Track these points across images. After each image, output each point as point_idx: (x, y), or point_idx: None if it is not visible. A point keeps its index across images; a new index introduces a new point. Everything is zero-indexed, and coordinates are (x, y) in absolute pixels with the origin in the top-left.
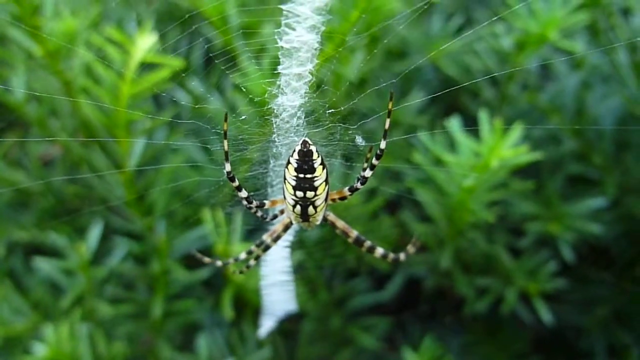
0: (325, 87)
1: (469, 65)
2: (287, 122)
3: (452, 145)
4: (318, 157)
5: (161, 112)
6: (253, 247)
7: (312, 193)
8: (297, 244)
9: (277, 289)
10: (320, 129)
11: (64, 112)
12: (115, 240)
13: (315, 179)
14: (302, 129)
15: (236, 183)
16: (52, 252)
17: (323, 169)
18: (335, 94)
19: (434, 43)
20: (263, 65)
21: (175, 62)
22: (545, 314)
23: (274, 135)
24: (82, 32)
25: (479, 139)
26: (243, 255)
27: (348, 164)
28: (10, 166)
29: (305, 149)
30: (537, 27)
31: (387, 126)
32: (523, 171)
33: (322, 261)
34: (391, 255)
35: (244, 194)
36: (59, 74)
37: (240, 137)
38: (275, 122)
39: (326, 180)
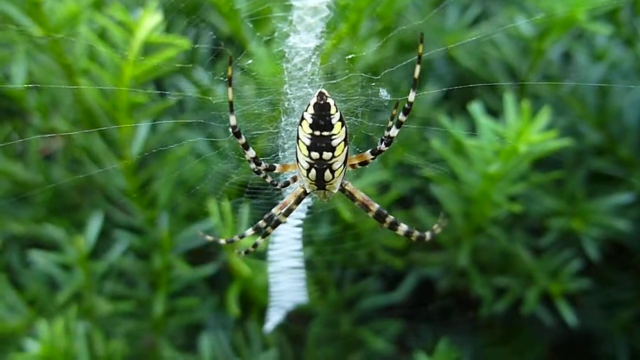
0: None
1: (487, 57)
2: (300, 69)
3: (473, 132)
4: (336, 111)
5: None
6: (261, 223)
7: (330, 154)
8: (306, 240)
9: (286, 277)
10: (339, 79)
11: (65, 99)
12: (116, 234)
13: (333, 137)
14: (317, 79)
15: (243, 140)
16: (49, 246)
17: (342, 126)
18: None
19: (449, 35)
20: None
21: (181, 42)
22: (569, 315)
23: (285, 86)
24: (84, 12)
25: (504, 124)
26: (250, 232)
27: (370, 124)
28: (8, 158)
29: (321, 102)
30: (564, 7)
31: (416, 74)
32: (543, 165)
33: (332, 259)
34: (416, 233)
35: (251, 153)
36: (60, 57)
37: (247, 87)
38: (286, 69)
39: (345, 140)
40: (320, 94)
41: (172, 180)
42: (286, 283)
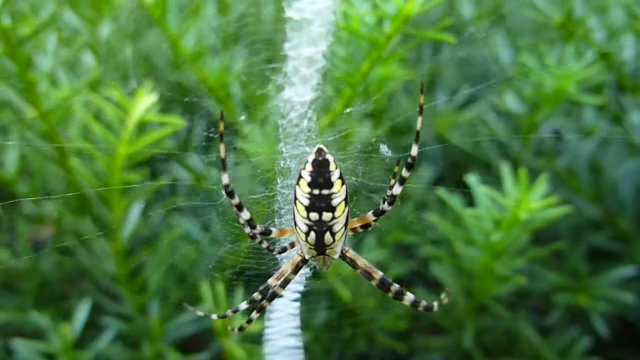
0: None
1: (479, 136)
2: (296, 125)
3: (471, 204)
4: (336, 168)
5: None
6: (256, 295)
7: (330, 215)
8: (303, 326)
9: (284, 358)
10: (337, 134)
11: (57, 184)
12: (104, 321)
13: (333, 196)
14: (314, 136)
15: (236, 200)
16: (33, 335)
17: (342, 184)
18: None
19: (440, 118)
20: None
21: (176, 121)
22: None
23: (280, 144)
24: (80, 94)
25: (502, 194)
26: (244, 306)
27: (371, 184)
28: None
29: (320, 158)
30: (553, 81)
31: (418, 127)
32: (542, 241)
33: (330, 345)
34: (423, 303)
35: (246, 215)
36: (53, 139)
37: (240, 147)
38: (281, 125)
39: (346, 200)
40: (319, 150)
41: (163, 266)
42: None
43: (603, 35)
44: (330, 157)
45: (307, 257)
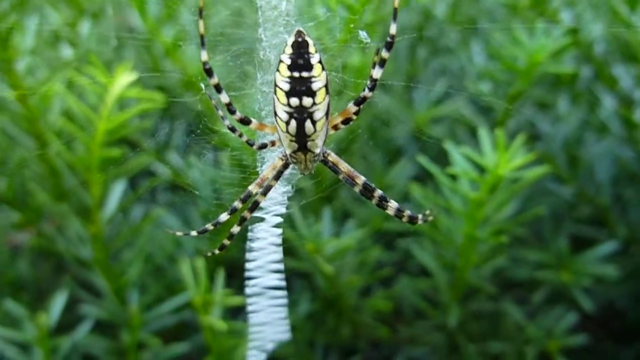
0: None
1: (456, 128)
2: (275, 7)
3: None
4: (316, 52)
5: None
6: (237, 204)
7: (310, 100)
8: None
9: (266, 302)
10: (317, 21)
11: (36, 172)
12: (82, 309)
13: (313, 79)
14: (293, 21)
15: (215, 79)
16: (6, 323)
17: (322, 69)
18: None
19: (418, 112)
20: None
21: (156, 96)
22: None
23: (260, 30)
24: (60, 72)
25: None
26: (224, 217)
27: (351, 80)
28: None
29: (300, 39)
30: (525, 55)
31: (396, 3)
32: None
33: (314, 337)
34: (407, 212)
35: (225, 97)
36: (33, 124)
37: (220, 32)
38: (260, 6)
39: (326, 88)
40: (298, 32)
41: (143, 254)
42: (266, 314)
43: (571, 16)
44: (309, 40)
45: (288, 152)
